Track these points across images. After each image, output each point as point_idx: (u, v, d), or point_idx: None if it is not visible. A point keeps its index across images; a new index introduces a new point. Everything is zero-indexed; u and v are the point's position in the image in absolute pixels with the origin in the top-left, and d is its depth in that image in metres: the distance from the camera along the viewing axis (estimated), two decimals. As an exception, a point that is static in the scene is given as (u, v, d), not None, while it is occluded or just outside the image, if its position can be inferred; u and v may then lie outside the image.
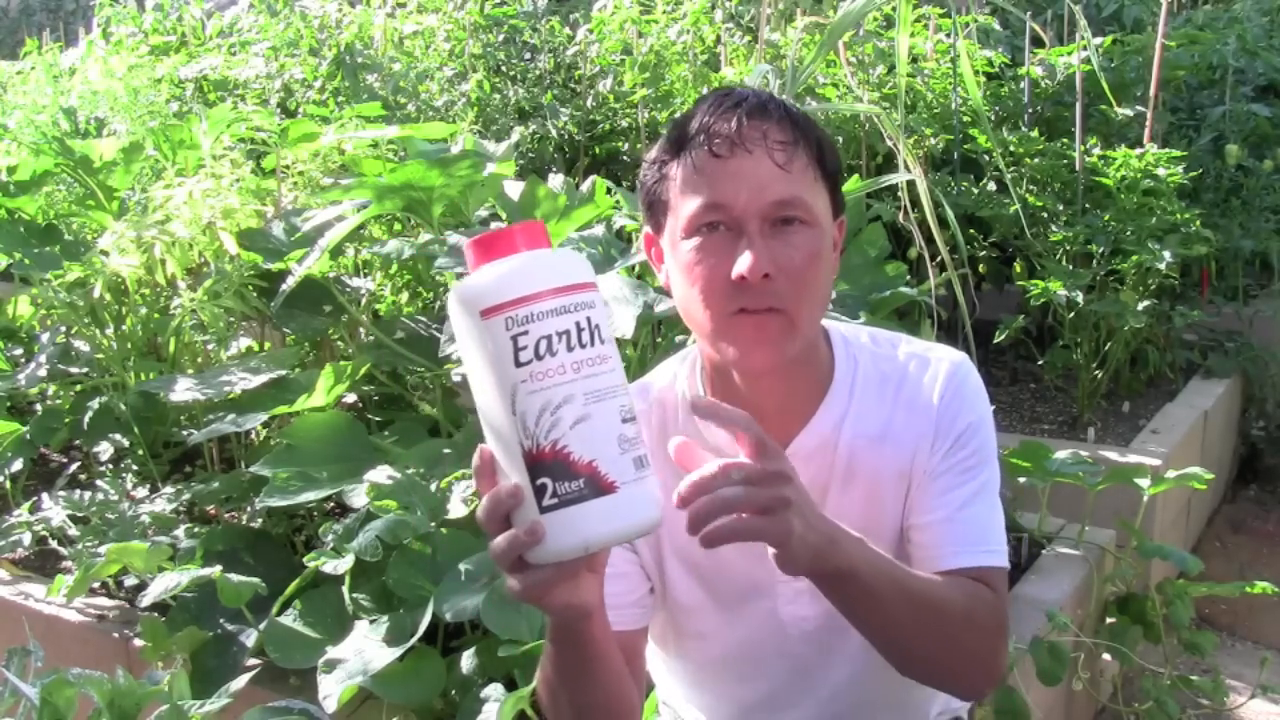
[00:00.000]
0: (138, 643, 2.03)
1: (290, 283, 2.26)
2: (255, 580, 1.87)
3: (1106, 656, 2.33)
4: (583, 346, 0.86)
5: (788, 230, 1.05)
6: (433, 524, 1.85)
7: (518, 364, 0.85)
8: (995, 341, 3.11)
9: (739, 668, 1.25)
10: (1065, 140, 3.14)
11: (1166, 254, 2.88)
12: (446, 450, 2.09)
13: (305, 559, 1.87)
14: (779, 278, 1.04)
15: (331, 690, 1.64)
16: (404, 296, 2.61)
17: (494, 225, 2.42)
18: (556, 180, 2.55)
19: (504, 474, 0.87)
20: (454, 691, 1.75)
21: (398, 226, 2.63)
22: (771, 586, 1.19)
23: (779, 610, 1.20)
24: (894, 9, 2.11)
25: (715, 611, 1.22)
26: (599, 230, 2.31)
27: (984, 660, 1.11)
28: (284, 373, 2.30)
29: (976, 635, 1.10)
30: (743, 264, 1.03)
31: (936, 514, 1.14)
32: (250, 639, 1.94)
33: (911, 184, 2.17)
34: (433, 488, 1.92)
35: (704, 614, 1.23)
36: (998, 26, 3.69)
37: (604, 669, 1.05)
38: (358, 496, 1.94)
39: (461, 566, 1.75)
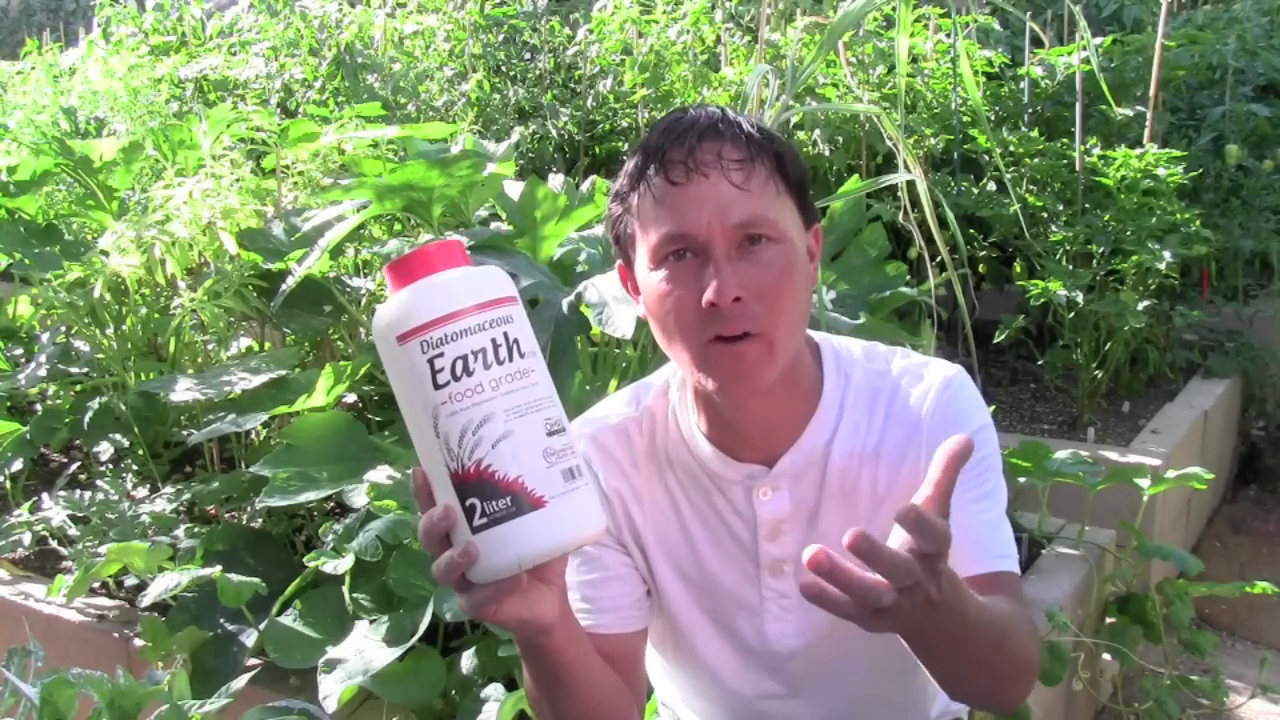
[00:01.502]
0: (138, 643, 2.03)
1: (290, 283, 2.26)
2: (255, 580, 1.87)
3: (1106, 656, 2.33)
4: (500, 363, 0.85)
5: (755, 250, 1.03)
6: (433, 524, 1.85)
7: (436, 386, 0.85)
8: (995, 341, 3.11)
9: (731, 679, 1.25)
10: (1065, 140, 3.14)
11: (1166, 254, 2.88)
12: (446, 450, 2.09)
13: (305, 559, 1.87)
14: (750, 300, 1.02)
15: (331, 690, 1.64)
16: (404, 296, 2.61)
17: (494, 225, 2.42)
18: (556, 180, 2.55)
19: (437, 495, 0.87)
20: (454, 691, 1.75)
21: (398, 226, 2.63)
22: (759, 604, 1.19)
23: (765, 627, 1.20)
24: (894, 9, 2.11)
25: (706, 624, 1.22)
26: (599, 230, 2.31)
27: (1029, 677, 1.09)
28: (284, 373, 2.30)
29: (1025, 655, 1.07)
30: (711, 290, 1.01)
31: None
32: (250, 639, 1.94)
33: (911, 184, 2.17)
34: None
35: (695, 626, 1.22)
36: (998, 26, 3.69)
37: (581, 680, 1.04)
38: (358, 496, 1.94)
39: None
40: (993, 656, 1.01)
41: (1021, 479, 2.32)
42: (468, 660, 1.75)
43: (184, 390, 2.26)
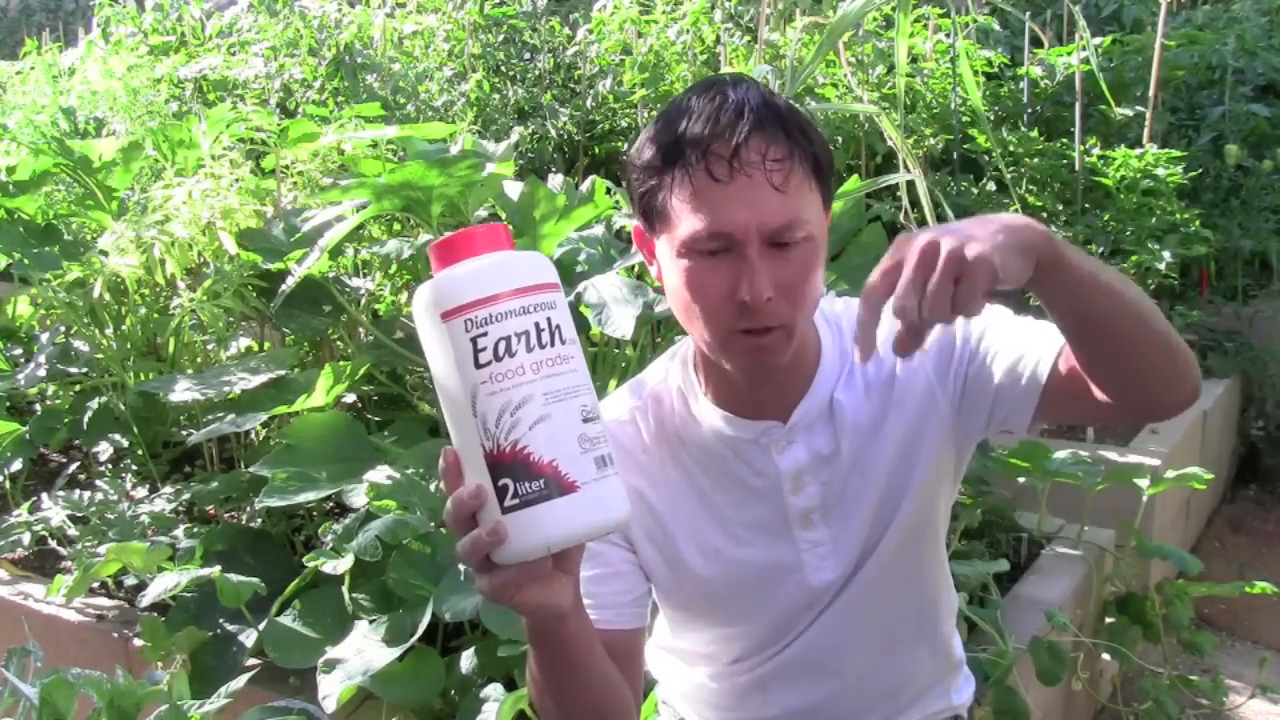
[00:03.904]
0: (137, 643, 2.03)
1: (290, 283, 2.26)
2: (255, 580, 1.87)
3: (1106, 656, 2.33)
4: (543, 347, 0.86)
5: (787, 249, 1.05)
6: (432, 524, 1.85)
7: (478, 365, 0.86)
8: (995, 341, 3.10)
9: (771, 641, 1.25)
10: (1065, 140, 3.14)
11: (1166, 254, 2.88)
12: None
13: (305, 559, 1.87)
14: (780, 298, 1.05)
15: (331, 690, 1.64)
16: (403, 296, 2.61)
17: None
18: (556, 180, 2.55)
19: (469, 475, 0.87)
20: (454, 691, 1.75)
21: (397, 226, 2.63)
22: (797, 558, 1.20)
23: (808, 580, 1.20)
24: (894, 9, 2.11)
25: (743, 596, 1.23)
26: (599, 230, 2.31)
27: (1192, 370, 1.04)
28: (284, 373, 2.30)
29: (1182, 347, 1.03)
30: (745, 289, 1.03)
31: (1008, 358, 1.11)
32: (250, 639, 1.94)
33: (911, 184, 2.17)
34: (432, 488, 1.92)
35: (725, 598, 1.23)
36: (997, 26, 3.69)
37: (587, 671, 1.05)
38: (357, 496, 1.94)
39: (461, 566, 1.75)
40: (1138, 317, 0.98)
41: (1021, 479, 2.32)
42: (467, 660, 1.75)
43: (184, 390, 2.26)
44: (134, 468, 2.63)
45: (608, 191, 2.30)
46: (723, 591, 1.22)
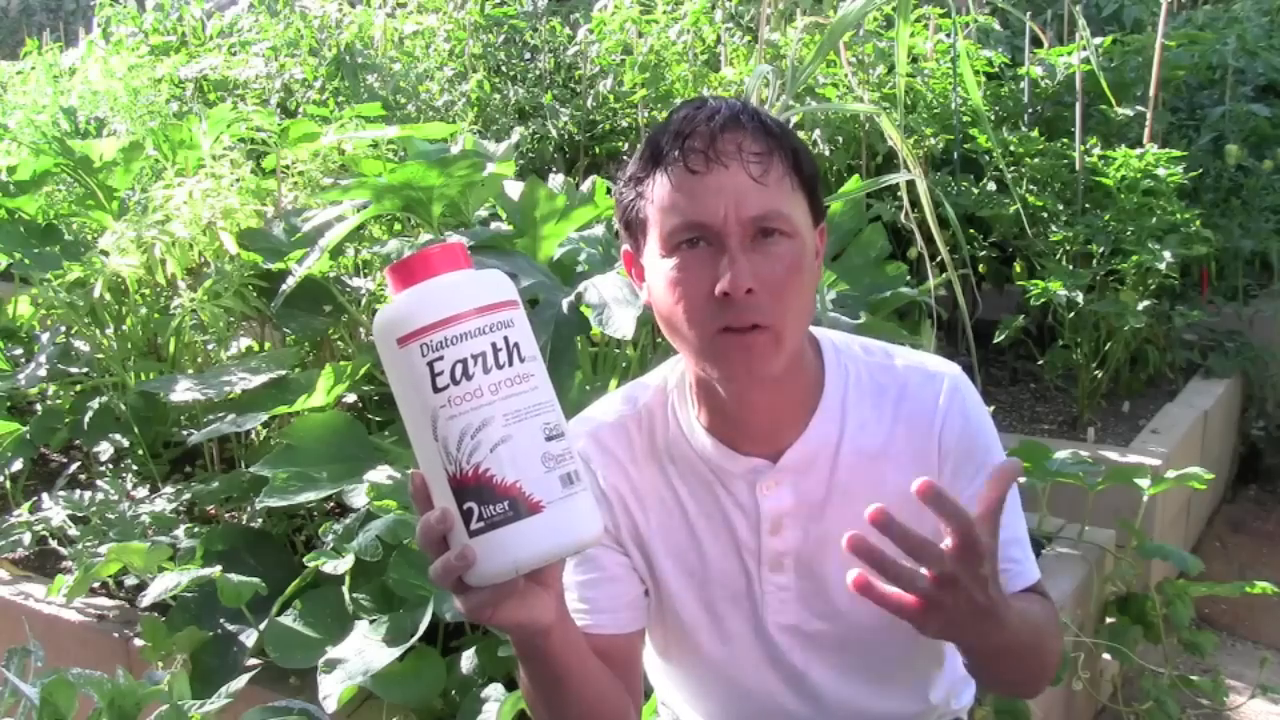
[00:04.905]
0: (138, 643, 2.03)
1: (290, 283, 2.26)
2: (255, 580, 1.87)
3: (1106, 656, 2.33)
4: (500, 367, 0.86)
5: (768, 243, 1.04)
6: (433, 524, 1.85)
7: (436, 389, 0.85)
8: (995, 341, 3.10)
9: (735, 675, 1.24)
10: (1065, 140, 3.14)
11: (1166, 254, 2.88)
12: (446, 450, 2.09)
13: (305, 559, 1.87)
14: (761, 292, 1.03)
15: (331, 690, 1.64)
16: (404, 296, 2.60)
17: (494, 225, 2.42)
18: (556, 180, 2.55)
19: (436, 498, 0.87)
20: (454, 691, 1.75)
21: (398, 226, 2.63)
22: (760, 597, 1.19)
23: (766, 621, 1.20)
24: (894, 9, 2.11)
25: (710, 621, 1.21)
26: (599, 230, 2.31)
27: (1054, 671, 1.15)
28: (284, 373, 2.30)
29: (1054, 651, 1.14)
30: (725, 280, 1.02)
31: None
32: (250, 639, 1.94)
33: (911, 184, 2.17)
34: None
35: (699, 623, 1.22)
36: (998, 26, 3.69)
37: (578, 682, 1.04)
38: (358, 496, 1.94)
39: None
40: (1030, 659, 1.08)
41: (1022, 479, 2.32)
42: (468, 660, 1.75)
43: (184, 390, 2.26)
44: (134, 468, 2.63)
45: (608, 191, 2.30)
46: (690, 616, 1.21)
